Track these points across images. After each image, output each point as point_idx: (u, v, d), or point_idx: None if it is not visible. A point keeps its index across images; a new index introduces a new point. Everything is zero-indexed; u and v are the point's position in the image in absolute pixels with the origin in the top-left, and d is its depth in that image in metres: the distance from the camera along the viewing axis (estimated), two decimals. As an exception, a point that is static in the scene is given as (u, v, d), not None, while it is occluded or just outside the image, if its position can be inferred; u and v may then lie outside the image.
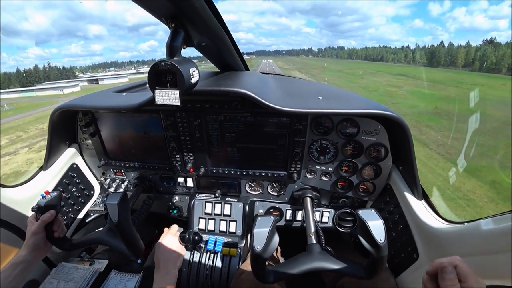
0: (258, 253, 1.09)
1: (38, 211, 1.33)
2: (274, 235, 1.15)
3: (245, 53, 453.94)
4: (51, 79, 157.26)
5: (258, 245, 1.09)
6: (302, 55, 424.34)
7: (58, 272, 1.55)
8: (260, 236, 1.11)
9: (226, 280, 1.67)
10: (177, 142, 1.77)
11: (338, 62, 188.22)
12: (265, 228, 1.12)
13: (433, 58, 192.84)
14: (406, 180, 1.51)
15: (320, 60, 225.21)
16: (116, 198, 1.29)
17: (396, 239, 1.53)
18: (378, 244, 0.99)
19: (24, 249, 1.29)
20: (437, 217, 1.31)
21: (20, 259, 1.26)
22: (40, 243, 1.33)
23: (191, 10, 0.96)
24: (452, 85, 55.41)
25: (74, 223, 1.93)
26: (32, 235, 1.30)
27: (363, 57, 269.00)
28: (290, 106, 1.38)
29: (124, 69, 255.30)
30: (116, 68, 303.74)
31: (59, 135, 1.82)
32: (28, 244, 1.30)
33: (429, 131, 21.98)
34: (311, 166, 1.73)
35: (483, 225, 1.01)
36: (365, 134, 1.55)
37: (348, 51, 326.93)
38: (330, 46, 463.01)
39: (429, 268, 0.83)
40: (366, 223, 1.02)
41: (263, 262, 1.13)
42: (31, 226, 1.33)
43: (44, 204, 1.34)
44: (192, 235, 1.72)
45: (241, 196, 1.97)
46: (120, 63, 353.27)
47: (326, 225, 1.92)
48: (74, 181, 1.92)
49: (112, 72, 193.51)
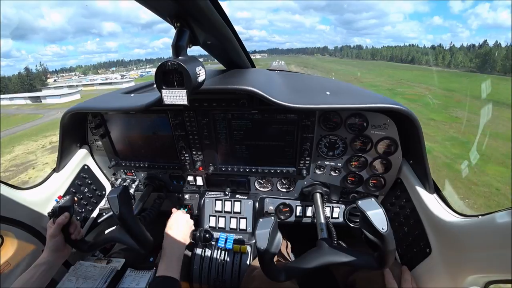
0: (262, 251, 1.11)
1: (53, 215, 1.42)
2: (276, 234, 1.17)
3: (257, 52, 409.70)
4: (10, 90, 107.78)
5: (262, 245, 1.11)
6: (317, 54, 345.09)
7: (76, 270, 1.59)
8: (262, 237, 1.13)
9: (238, 277, 1.69)
10: (186, 141, 1.78)
11: (362, 64, 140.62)
12: (266, 229, 1.14)
13: (487, 62, 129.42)
14: (417, 174, 1.49)
15: (339, 61, 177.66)
16: (116, 191, 1.32)
17: (408, 234, 1.51)
18: (381, 233, 0.97)
19: (45, 252, 1.38)
20: (450, 210, 1.28)
21: (42, 260, 1.34)
22: (59, 245, 1.41)
23: (196, 9, 0.96)
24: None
25: (87, 223, 1.98)
26: (51, 238, 1.39)
27: (388, 57, 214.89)
28: (298, 102, 1.38)
29: (129, 69, 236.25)
30: (120, 67, 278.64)
31: (70, 138, 1.85)
32: (49, 246, 1.39)
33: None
34: (320, 162, 1.72)
35: (498, 218, 0.99)
36: (374, 128, 1.53)
37: (371, 50, 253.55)
38: (346, 45, 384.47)
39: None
40: (365, 213, 1.00)
41: (269, 260, 1.15)
42: (49, 230, 1.41)
43: (58, 208, 1.41)
44: (203, 233, 1.74)
45: (251, 193, 1.98)
46: (127, 61, 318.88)
47: (336, 220, 1.91)
48: (86, 182, 1.96)
49: (106, 75, 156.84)
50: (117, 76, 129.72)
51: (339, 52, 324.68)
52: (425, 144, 1.39)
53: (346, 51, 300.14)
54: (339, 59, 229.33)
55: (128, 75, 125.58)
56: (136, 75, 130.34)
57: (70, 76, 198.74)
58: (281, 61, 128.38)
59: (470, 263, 1.12)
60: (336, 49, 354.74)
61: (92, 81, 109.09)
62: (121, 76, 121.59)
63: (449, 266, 1.23)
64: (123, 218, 1.32)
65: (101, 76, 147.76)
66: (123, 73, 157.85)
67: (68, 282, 1.51)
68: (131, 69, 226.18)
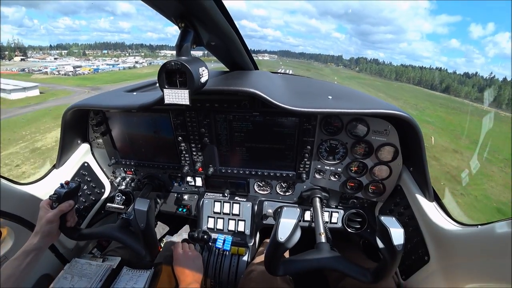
0: (280, 243, 1.08)
1: (56, 200, 1.33)
2: (297, 228, 1.15)
3: (267, 52, 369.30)
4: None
5: (282, 235, 1.09)
6: (331, 63, 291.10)
7: (72, 267, 1.59)
8: (285, 226, 1.10)
9: (234, 279, 1.68)
10: (186, 141, 1.78)
11: (388, 87, 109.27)
12: (292, 220, 1.12)
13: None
14: (417, 181, 1.48)
15: (358, 78, 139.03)
16: (145, 205, 1.32)
17: (406, 241, 1.49)
18: (396, 250, 0.99)
19: (35, 236, 1.28)
20: (449, 219, 1.28)
21: (32, 246, 1.24)
22: (53, 231, 1.33)
23: (201, 9, 0.97)
24: None
25: (86, 220, 1.97)
26: (48, 223, 1.29)
27: (416, 80, 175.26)
28: (299, 105, 1.38)
29: (123, 57, 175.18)
30: (110, 51, 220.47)
31: (71, 134, 1.86)
32: (41, 231, 1.28)
33: None
34: (320, 166, 1.72)
35: (497, 228, 0.99)
36: (375, 134, 1.53)
37: (395, 68, 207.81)
38: (362, 57, 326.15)
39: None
40: (388, 229, 1.02)
41: (281, 253, 1.13)
42: (45, 213, 1.31)
43: (64, 193, 1.34)
44: (201, 234, 1.74)
45: (250, 196, 1.97)
46: (126, 45, 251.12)
47: (335, 225, 1.90)
48: (86, 179, 1.96)
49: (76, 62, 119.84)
50: (75, 65, 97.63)
51: (354, 64, 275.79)
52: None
53: (364, 65, 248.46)
54: (357, 74, 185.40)
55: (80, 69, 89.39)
56: (89, 70, 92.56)
57: (44, 56, 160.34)
58: (288, 69, 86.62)
59: (468, 272, 1.11)
60: (352, 60, 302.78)
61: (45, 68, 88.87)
62: (73, 68, 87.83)
63: (448, 275, 1.22)
64: (146, 232, 1.33)
65: (74, 62, 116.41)
66: (79, 63, 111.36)
67: (64, 280, 1.51)
68: (126, 56, 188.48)
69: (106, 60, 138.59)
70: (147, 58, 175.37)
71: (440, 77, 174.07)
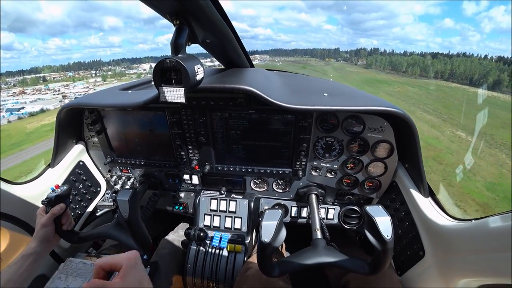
0: (265, 244, 1.10)
1: (48, 204, 1.35)
2: (281, 228, 1.17)
3: (258, 52, 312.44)
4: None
5: (266, 237, 1.10)
6: (329, 58, 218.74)
7: (66, 267, 1.57)
8: (268, 228, 1.12)
9: (231, 276, 1.69)
10: (182, 139, 1.78)
11: (422, 95, 63.19)
12: (273, 221, 1.14)
13: None
14: (412, 178, 1.50)
15: (371, 80, 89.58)
16: (127, 195, 1.31)
17: (402, 237, 1.52)
18: (385, 240, 1.00)
19: (33, 241, 1.30)
20: (444, 214, 1.29)
21: (30, 251, 1.26)
22: (50, 235, 1.34)
23: (196, 6, 0.96)
24: None
25: (81, 220, 1.96)
26: (42, 227, 1.32)
27: (446, 75, 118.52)
28: (295, 103, 1.38)
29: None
30: (98, 70, 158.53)
31: (66, 133, 1.84)
32: (38, 236, 1.31)
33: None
34: (316, 163, 1.72)
35: (491, 222, 1.00)
36: (370, 131, 1.54)
37: (412, 59, 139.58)
38: (363, 48, 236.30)
39: None
40: (374, 219, 1.03)
41: (269, 254, 1.14)
42: (40, 218, 1.34)
43: (54, 197, 1.35)
44: (197, 232, 1.73)
45: (246, 193, 1.97)
46: (107, 62, 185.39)
47: (331, 222, 1.92)
48: (81, 178, 1.94)
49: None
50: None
51: (354, 56, 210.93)
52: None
53: (370, 58, 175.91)
54: (365, 71, 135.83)
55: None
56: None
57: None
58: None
59: (463, 266, 1.13)
60: (351, 53, 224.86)
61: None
62: None
63: (443, 269, 1.24)
64: (131, 222, 1.32)
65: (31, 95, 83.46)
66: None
67: (58, 280, 1.49)
68: (79, 79, 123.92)
69: (26, 93, 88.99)
70: (112, 78, 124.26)
71: (472, 68, 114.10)
